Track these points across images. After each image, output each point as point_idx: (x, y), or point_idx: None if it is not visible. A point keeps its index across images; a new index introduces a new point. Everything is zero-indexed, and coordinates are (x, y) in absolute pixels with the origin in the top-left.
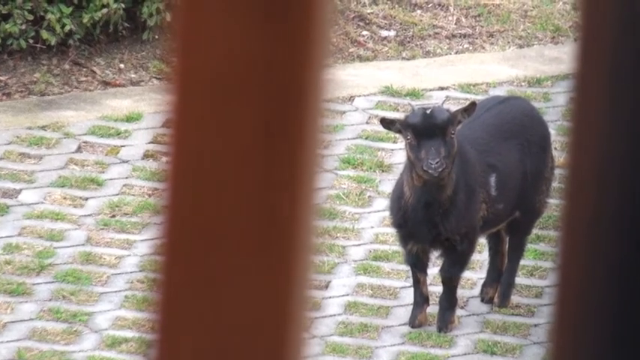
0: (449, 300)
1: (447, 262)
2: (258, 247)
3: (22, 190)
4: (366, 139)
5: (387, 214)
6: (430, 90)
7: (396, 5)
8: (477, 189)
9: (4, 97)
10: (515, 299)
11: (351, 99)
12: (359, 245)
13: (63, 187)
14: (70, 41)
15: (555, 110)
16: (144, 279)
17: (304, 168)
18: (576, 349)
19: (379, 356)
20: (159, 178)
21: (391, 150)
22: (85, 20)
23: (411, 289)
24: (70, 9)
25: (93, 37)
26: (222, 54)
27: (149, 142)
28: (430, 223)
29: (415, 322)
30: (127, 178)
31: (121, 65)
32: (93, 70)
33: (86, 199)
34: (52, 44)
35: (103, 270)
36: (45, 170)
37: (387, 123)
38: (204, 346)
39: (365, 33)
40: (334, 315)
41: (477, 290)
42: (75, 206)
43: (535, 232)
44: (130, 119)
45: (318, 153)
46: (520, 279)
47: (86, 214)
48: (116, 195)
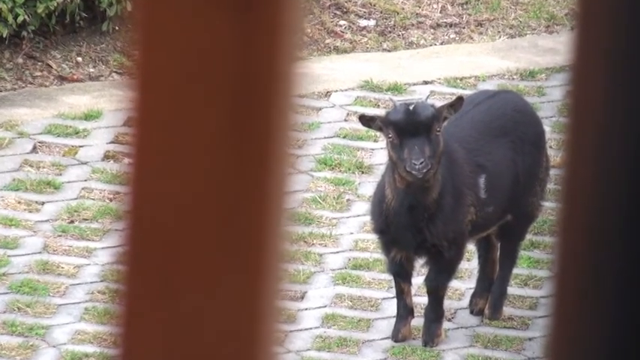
0: (435, 311)
1: (433, 270)
2: (226, 256)
3: None
4: (344, 137)
5: (367, 219)
6: (413, 84)
7: None
8: (465, 191)
9: None
10: (508, 311)
11: (328, 94)
12: (337, 253)
13: (17, 190)
14: (24, 33)
15: (550, 105)
16: (105, 289)
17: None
18: None
19: None
20: (120, 180)
21: (371, 150)
22: (40, 10)
23: (394, 300)
24: None
25: (48, 28)
26: (187, 46)
27: (110, 142)
28: (414, 228)
29: (399, 335)
30: (86, 180)
31: (79, 59)
32: (48, 64)
33: (42, 203)
34: (3, 36)
35: (61, 280)
36: None
37: (366, 120)
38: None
39: (342, 22)
40: (310, 328)
41: (465, 301)
42: (30, 211)
43: (529, 237)
44: (89, 117)
45: (291, 153)
46: (513, 289)
47: (42, 219)
48: (74, 199)
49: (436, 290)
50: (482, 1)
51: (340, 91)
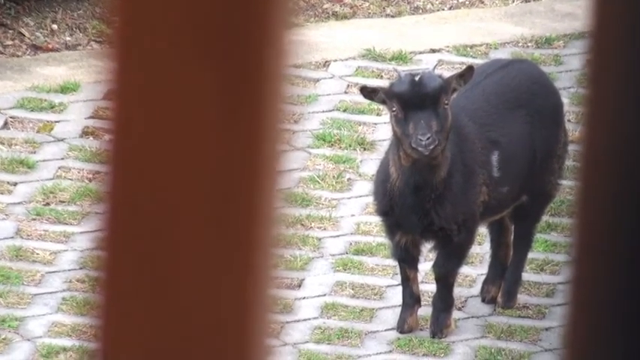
0: (444, 300)
1: (441, 255)
2: (214, 239)
3: None
4: (344, 111)
5: (370, 199)
6: (419, 53)
7: None
8: (477, 169)
9: None
10: (522, 299)
11: (326, 64)
12: (337, 237)
13: None
14: None
15: (568, 75)
16: (84, 278)
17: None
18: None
19: None
20: (100, 159)
21: (374, 124)
22: None
23: (399, 287)
24: None
25: None
26: (171, 12)
27: (88, 117)
28: (421, 210)
29: (404, 326)
30: (62, 159)
31: (54, 26)
32: (21, 33)
33: (15, 184)
34: None
35: (36, 267)
36: None
37: (368, 92)
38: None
39: None
40: (309, 319)
41: (477, 288)
42: (2, 193)
43: (545, 219)
44: (66, 90)
45: (285, 128)
46: (528, 275)
47: (15, 201)
48: (50, 179)
49: (445, 277)
50: None
51: (340, 61)
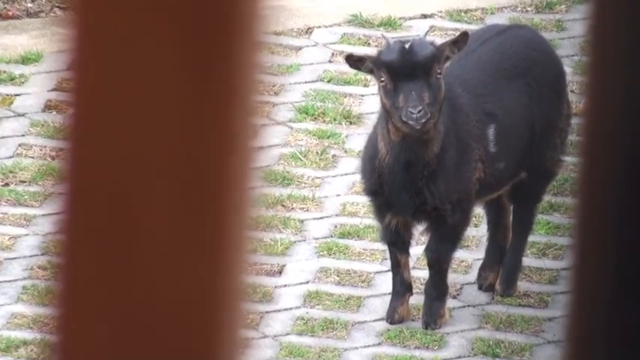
0: (437, 287)
1: (434, 238)
2: (183, 221)
3: None
4: (329, 82)
5: (357, 178)
6: (409, 18)
7: None
8: (472, 144)
9: None
10: (523, 286)
11: (309, 31)
12: (321, 219)
13: None
14: None
15: (571, 42)
16: (47, 264)
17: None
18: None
19: None
20: (64, 135)
21: (361, 96)
22: None
23: (389, 274)
24: None
25: None
26: None
27: (51, 90)
28: (412, 188)
29: (395, 316)
30: (23, 135)
31: None
32: None
33: None
34: None
35: None
36: None
37: (354, 61)
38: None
39: None
40: (290, 308)
41: (473, 275)
42: None
43: (547, 198)
44: (27, 61)
45: (264, 101)
46: (529, 260)
47: None
48: (10, 158)
49: (438, 262)
50: None
51: (324, 27)
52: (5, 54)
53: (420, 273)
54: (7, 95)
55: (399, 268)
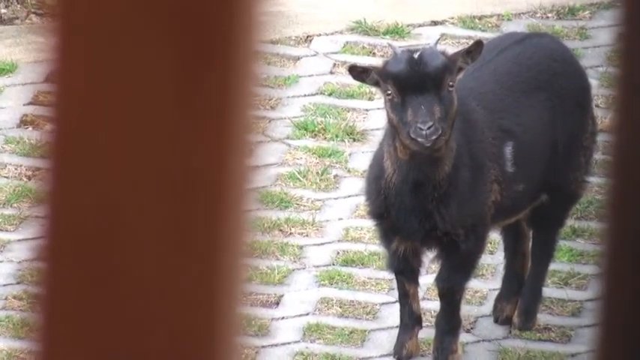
0: (449, 320)
1: (446, 266)
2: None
3: None
4: (330, 95)
5: (361, 200)
6: (419, 25)
7: None
8: (487, 163)
9: None
10: (543, 318)
11: (309, 39)
12: (322, 245)
13: None
14: None
15: (596, 52)
16: (23, 294)
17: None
18: None
19: None
20: (42, 153)
21: (365, 110)
22: None
23: (396, 305)
24: None
25: None
26: None
27: (27, 104)
28: (422, 212)
29: (403, 351)
30: None
31: None
32: None
33: None
34: None
35: None
36: None
37: (358, 72)
38: None
39: None
40: (288, 343)
41: (488, 306)
42: None
43: (570, 223)
44: (1, 72)
45: (259, 116)
46: (550, 290)
47: None
48: None
49: (450, 292)
50: None
51: (324, 35)
52: None
53: (431, 304)
54: None
55: (407, 298)
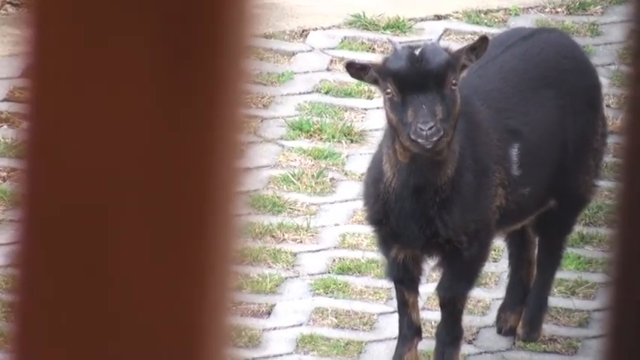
0: (451, 331)
1: (447, 275)
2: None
3: None
4: (327, 93)
5: (358, 205)
6: (421, 20)
7: None
8: (492, 166)
9: None
10: (549, 329)
11: (304, 34)
12: (317, 252)
13: None
14: None
15: (608, 49)
16: None
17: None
18: None
19: None
20: (17, 153)
21: (363, 110)
22: None
23: (395, 315)
24: None
25: None
26: None
27: (3, 100)
28: (423, 217)
29: None
30: None
31: None
32: None
33: None
34: None
35: None
36: None
37: (356, 70)
38: None
39: None
40: (281, 355)
41: (492, 317)
42: None
43: (578, 229)
44: None
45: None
46: (556, 299)
47: None
48: None
49: (452, 302)
50: None
51: (321, 30)
52: None
53: (431, 315)
54: None
55: (406, 308)
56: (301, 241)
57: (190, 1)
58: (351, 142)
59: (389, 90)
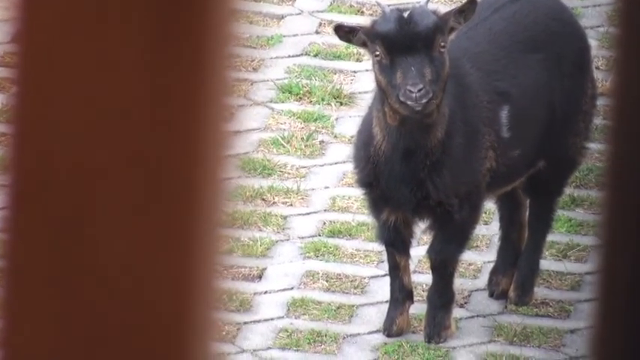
0: (442, 295)
1: (438, 238)
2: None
3: None
4: (316, 56)
5: (348, 167)
6: None
7: None
8: (482, 129)
9: None
10: (541, 292)
11: None
12: (307, 215)
13: None
14: None
15: (597, 11)
16: None
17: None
18: None
19: None
20: (7, 117)
21: (353, 72)
22: None
23: (386, 279)
24: None
25: None
26: None
27: None
28: (413, 180)
29: (393, 328)
30: None
31: None
32: None
33: None
34: None
35: None
36: None
37: (345, 32)
38: None
39: None
40: (272, 319)
41: (483, 280)
42: None
43: (569, 192)
44: None
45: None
46: (547, 262)
47: None
48: None
49: (443, 265)
50: None
51: None
52: None
53: (422, 278)
54: None
55: (397, 271)
56: (291, 204)
57: None
58: (341, 104)
59: (378, 52)
